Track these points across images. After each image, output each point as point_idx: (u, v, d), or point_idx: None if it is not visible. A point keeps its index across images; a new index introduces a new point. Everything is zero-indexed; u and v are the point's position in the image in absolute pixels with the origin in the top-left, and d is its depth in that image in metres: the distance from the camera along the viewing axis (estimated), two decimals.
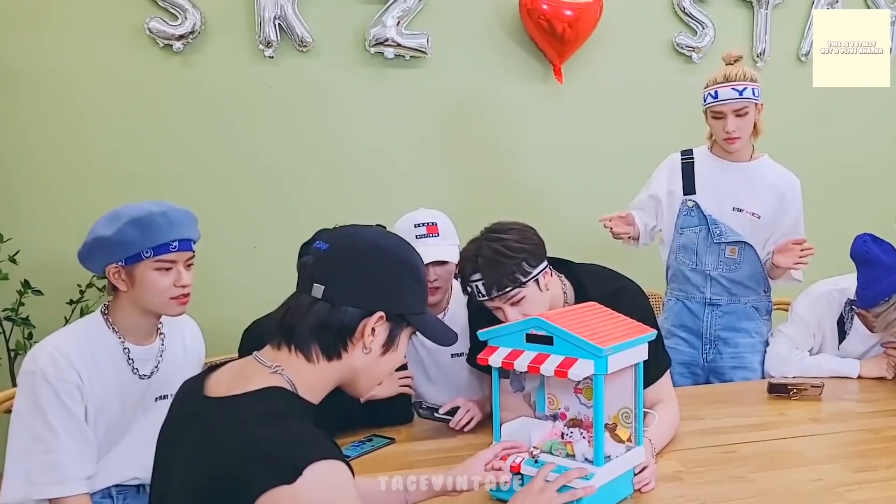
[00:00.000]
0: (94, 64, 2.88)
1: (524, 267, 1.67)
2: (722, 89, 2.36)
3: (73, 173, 2.90)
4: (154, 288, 1.59)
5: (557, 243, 1.80)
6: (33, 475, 1.52)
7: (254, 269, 3.05)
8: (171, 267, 1.60)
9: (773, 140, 3.46)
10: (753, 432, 1.89)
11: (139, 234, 1.56)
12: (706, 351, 2.53)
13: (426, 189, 3.22)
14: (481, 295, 1.68)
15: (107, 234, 1.57)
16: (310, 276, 1.13)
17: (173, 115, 2.97)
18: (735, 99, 2.36)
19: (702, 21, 3.37)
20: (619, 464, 1.45)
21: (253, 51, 3.01)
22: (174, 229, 1.60)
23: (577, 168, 3.36)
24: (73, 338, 1.59)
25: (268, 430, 1.00)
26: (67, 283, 2.74)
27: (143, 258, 1.57)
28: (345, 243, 1.15)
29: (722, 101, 2.36)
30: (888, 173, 3.65)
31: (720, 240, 2.46)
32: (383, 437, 1.85)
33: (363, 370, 1.15)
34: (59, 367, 1.52)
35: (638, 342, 1.47)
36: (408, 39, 3.09)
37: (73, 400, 1.53)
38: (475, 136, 3.28)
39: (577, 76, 3.30)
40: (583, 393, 1.59)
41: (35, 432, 1.52)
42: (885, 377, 2.29)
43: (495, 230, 1.72)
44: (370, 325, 1.12)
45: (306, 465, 0.97)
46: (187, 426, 1.09)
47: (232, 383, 1.10)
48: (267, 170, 3.08)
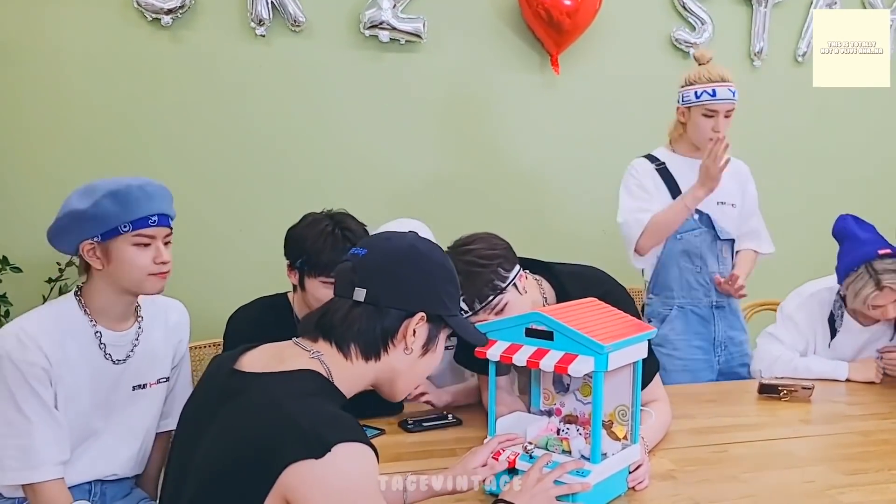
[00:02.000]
0: (79, 36, 2.81)
1: (500, 273, 1.64)
2: (720, 88, 2.35)
3: (55, 149, 2.83)
4: (132, 265, 1.52)
5: (551, 233, 1.77)
6: (6, 461, 1.48)
7: (239, 252, 2.99)
8: (150, 243, 1.53)
9: (768, 139, 3.47)
10: (744, 432, 1.88)
11: (117, 207, 1.49)
12: (718, 354, 2.53)
13: (417, 175, 3.18)
14: (465, 311, 1.65)
15: (83, 208, 1.49)
16: (350, 281, 1.17)
17: (160, 91, 2.90)
18: (729, 100, 2.36)
19: (701, 17, 3.35)
20: (614, 461, 1.44)
21: (244, 28, 2.94)
22: (153, 203, 1.53)
23: (570, 159, 3.34)
24: (41, 319, 1.52)
25: (302, 406, 1.03)
26: (47, 260, 2.68)
27: (121, 233, 1.50)
28: (384, 247, 1.20)
29: (719, 100, 2.35)
30: (883, 173, 3.66)
31: (725, 237, 2.46)
32: (373, 428, 1.82)
33: (404, 370, 1.20)
34: (25, 348, 1.47)
35: (638, 339, 1.45)
36: (403, 23, 3.04)
37: (40, 383, 1.48)
38: (469, 124, 3.24)
39: (574, 67, 3.28)
40: (579, 389, 1.57)
41: (6, 417, 1.48)
42: (873, 381, 2.29)
43: (461, 244, 1.69)
44: (412, 325, 1.16)
45: (336, 443, 0.99)
46: (221, 400, 1.10)
47: (268, 362, 1.12)
48: (255, 151, 3.02)
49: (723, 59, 3.40)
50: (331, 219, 1.87)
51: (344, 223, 1.86)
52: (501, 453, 1.43)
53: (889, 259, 2.17)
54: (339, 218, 1.88)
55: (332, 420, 1.02)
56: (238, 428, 1.05)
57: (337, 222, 1.85)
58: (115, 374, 1.60)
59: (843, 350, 2.38)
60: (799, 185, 3.23)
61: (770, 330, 2.44)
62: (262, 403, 1.05)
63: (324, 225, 1.84)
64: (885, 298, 2.17)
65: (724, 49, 3.38)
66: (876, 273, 2.15)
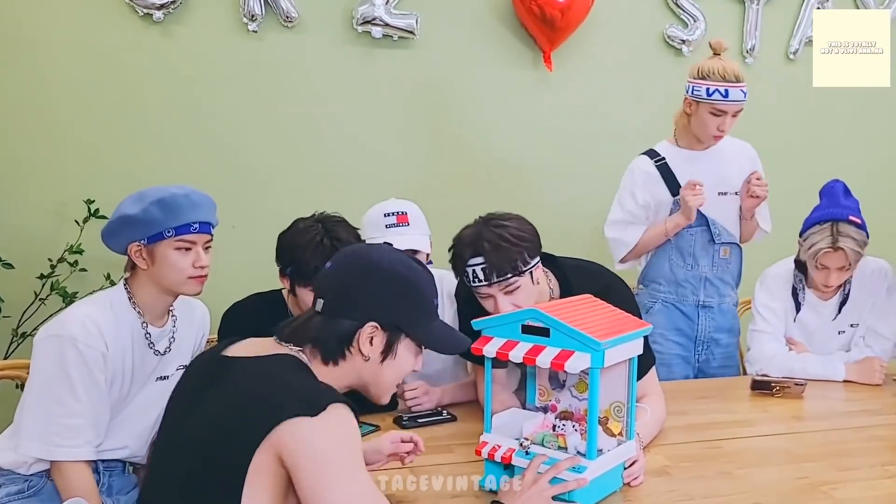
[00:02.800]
0: (70, 30, 2.78)
1: (525, 256, 1.66)
2: (732, 90, 2.30)
3: (44, 145, 2.80)
4: (174, 267, 1.64)
5: (542, 230, 1.77)
6: (53, 437, 1.54)
7: (232, 249, 2.97)
8: (191, 247, 1.65)
9: (760, 136, 3.47)
10: (738, 428, 1.89)
11: (163, 213, 1.61)
12: (699, 352, 2.53)
13: (409, 172, 3.17)
14: (478, 280, 1.66)
15: (132, 213, 1.62)
16: (317, 292, 1.30)
17: (151, 86, 2.88)
18: (740, 101, 2.32)
19: (693, 14, 3.36)
20: (610, 457, 1.44)
21: (236, 24, 2.92)
22: (196, 211, 1.65)
23: (562, 155, 3.34)
24: (103, 307, 1.63)
25: (295, 375, 1.18)
26: (38, 257, 2.66)
27: (165, 237, 1.62)
28: (346, 262, 1.31)
29: (731, 101, 2.31)
30: (875, 170, 3.67)
31: (719, 240, 2.46)
32: (368, 425, 1.82)
33: (369, 377, 1.29)
34: (89, 334, 1.56)
35: (634, 336, 1.45)
36: (396, 19, 3.03)
37: (98, 368, 1.57)
38: (461, 121, 3.23)
39: (567, 64, 3.27)
40: (575, 386, 1.57)
41: (57, 396, 1.54)
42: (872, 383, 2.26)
43: (496, 217, 1.71)
44: (364, 335, 1.25)
45: (331, 403, 1.11)
46: (211, 380, 1.20)
47: (256, 351, 1.24)
48: (246, 147, 3.01)
49: None
50: (322, 225, 1.84)
51: (334, 232, 1.82)
52: (497, 450, 1.43)
53: (855, 227, 2.18)
54: (330, 225, 1.84)
55: (323, 388, 1.16)
56: (232, 394, 1.15)
57: (327, 230, 1.82)
58: (153, 365, 1.71)
59: (807, 325, 2.39)
60: (790, 182, 3.24)
61: (754, 327, 2.43)
62: (256, 373, 1.17)
63: (314, 234, 1.81)
64: (833, 261, 2.20)
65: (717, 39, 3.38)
66: (838, 233, 2.17)
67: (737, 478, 1.59)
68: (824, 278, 2.25)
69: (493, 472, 1.47)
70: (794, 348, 2.37)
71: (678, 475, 1.59)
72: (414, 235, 2.00)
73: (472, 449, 1.51)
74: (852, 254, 2.17)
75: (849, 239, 2.16)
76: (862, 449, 1.77)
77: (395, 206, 2.05)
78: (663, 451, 1.71)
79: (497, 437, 1.47)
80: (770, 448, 1.77)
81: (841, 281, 2.27)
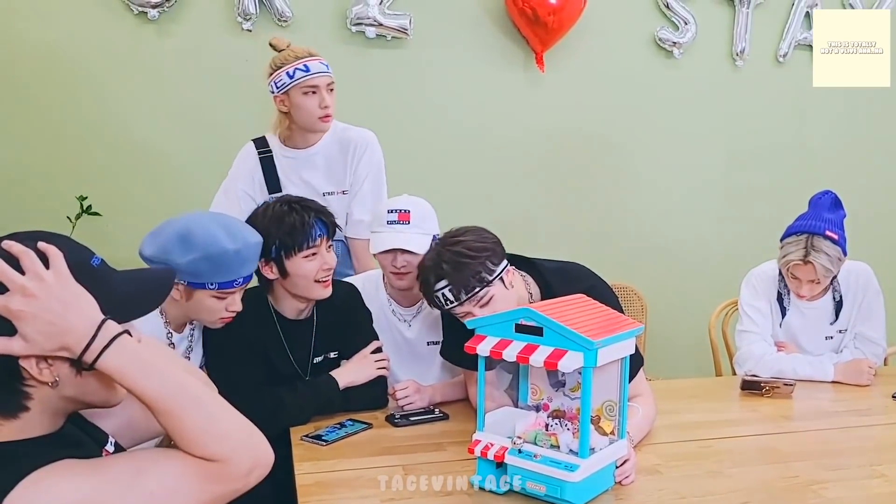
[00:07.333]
0: (65, 28, 2.78)
1: (488, 265, 1.66)
2: (311, 62, 2.22)
3: (37, 143, 2.79)
4: (209, 310, 1.69)
5: (531, 231, 1.79)
6: None
7: None
8: (228, 297, 1.69)
9: (749, 138, 3.51)
10: (728, 428, 1.90)
11: (210, 268, 1.63)
12: None
13: (401, 173, 3.16)
14: (449, 303, 1.66)
15: (179, 262, 1.61)
16: None
17: (146, 84, 2.88)
18: (325, 73, 2.24)
19: (684, 17, 3.38)
20: (602, 456, 1.45)
21: (231, 22, 2.93)
22: (243, 267, 1.67)
23: (553, 156, 3.36)
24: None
25: None
26: None
27: (207, 288, 1.65)
28: None
29: (316, 73, 2.22)
30: (865, 173, 3.70)
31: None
32: (360, 422, 1.82)
33: None
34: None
35: (627, 336, 1.46)
36: (390, 19, 3.04)
37: None
38: (453, 121, 3.24)
39: (559, 65, 3.29)
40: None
41: None
42: (860, 384, 2.27)
43: (450, 236, 1.71)
44: None
45: None
46: None
47: None
48: (240, 145, 2.99)
49: (705, 58, 3.45)
50: (277, 201, 1.88)
51: (293, 199, 1.88)
52: (490, 448, 1.44)
53: (829, 242, 2.19)
54: (286, 197, 1.90)
55: None
56: None
57: (286, 200, 1.87)
58: None
59: (792, 330, 2.41)
60: (779, 185, 3.27)
61: (741, 327, 2.44)
62: None
63: (277, 206, 1.85)
64: (804, 273, 2.22)
65: (707, 49, 3.41)
66: (811, 247, 2.18)
67: (727, 477, 1.60)
68: (796, 288, 2.29)
69: (486, 470, 1.47)
70: (783, 349, 2.39)
71: (669, 474, 1.60)
72: (409, 235, 2.00)
73: (464, 447, 1.51)
74: (821, 269, 2.18)
75: (821, 254, 2.17)
76: (851, 449, 1.79)
77: (401, 204, 2.06)
78: (654, 451, 1.72)
79: (490, 435, 1.48)
80: (760, 447, 1.79)
81: (813, 293, 2.29)
